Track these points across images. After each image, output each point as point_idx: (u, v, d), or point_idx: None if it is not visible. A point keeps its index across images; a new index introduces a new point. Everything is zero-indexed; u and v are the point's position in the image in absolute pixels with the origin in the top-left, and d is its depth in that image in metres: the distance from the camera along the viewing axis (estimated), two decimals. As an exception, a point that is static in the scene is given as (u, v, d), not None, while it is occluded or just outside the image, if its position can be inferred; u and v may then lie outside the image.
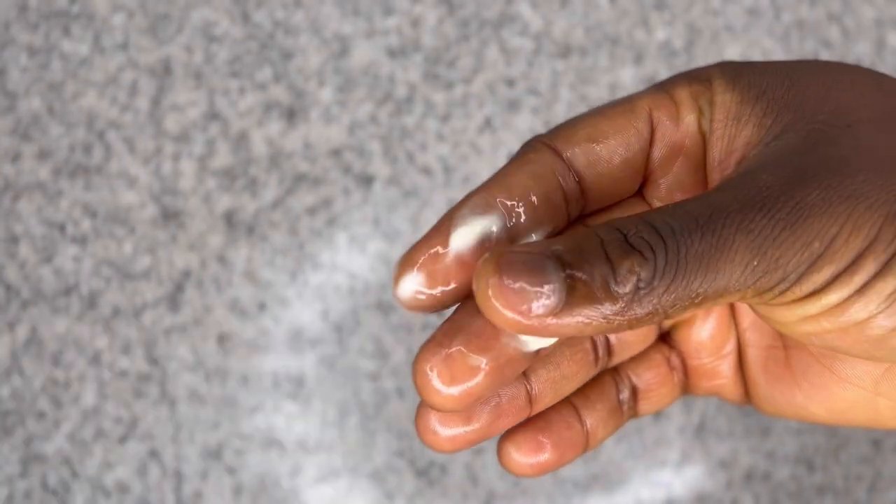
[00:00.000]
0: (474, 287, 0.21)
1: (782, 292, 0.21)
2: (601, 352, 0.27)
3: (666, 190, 0.26)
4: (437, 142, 0.49)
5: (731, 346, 0.28)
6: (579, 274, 0.21)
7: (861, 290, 0.21)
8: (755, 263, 0.21)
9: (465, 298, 0.24)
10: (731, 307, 0.28)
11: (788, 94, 0.24)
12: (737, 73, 0.24)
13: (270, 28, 0.50)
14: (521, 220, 0.24)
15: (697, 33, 0.51)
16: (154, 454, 0.48)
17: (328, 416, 0.48)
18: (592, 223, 0.26)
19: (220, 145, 0.49)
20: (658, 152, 0.25)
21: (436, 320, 0.49)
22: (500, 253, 0.21)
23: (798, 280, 0.21)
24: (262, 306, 0.48)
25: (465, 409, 0.24)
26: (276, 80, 0.49)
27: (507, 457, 0.26)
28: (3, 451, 0.48)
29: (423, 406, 0.24)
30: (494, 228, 0.24)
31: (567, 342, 0.26)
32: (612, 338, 0.27)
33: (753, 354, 0.28)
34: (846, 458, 0.49)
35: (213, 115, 0.49)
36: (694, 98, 0.25)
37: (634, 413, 0.28)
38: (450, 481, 0.48)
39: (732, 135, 0.24)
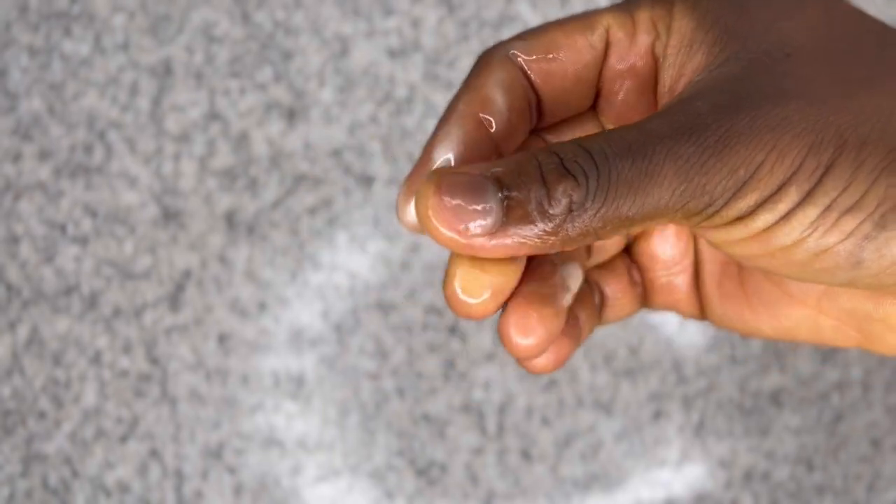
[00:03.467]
0: (415, 206, 0.22)
1: (709, 216, 0.22)
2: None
3: (614, 109, 0.27)
4: (437, 142, 0.49)
5: (687, 262, 0.29)
6: (516, 195, 0.22)
7: (785, 218, 0.22)
8: (682, 189, 0.22)
9: None
10: None
11: (738, 22, 0.24)
12: (697, 2, 0.25)
13: (271, 28, 0.50)
14: (497, 131, 0.25)
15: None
16: (155, 454, 0.48)
17: (328, 416, 0.48)
18: (548, 139, 0.27)
19: (221, 145, 0.49)
20: (609, 70, 0.26)
21: (436, 320, 0.49)
22: (441, 173, 0.22)
23: (725, 205, 0.22)
24: (262, 306, 0.48)
25: (493, 313, 0.24)
26: (277, 81, 0.49)
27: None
28: (4, 450, 0.48)
29: (450, 276, 0.24)
30: (473, 143, 0.24)
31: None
32: None
33: (709, 270, 0.29)
34: (845, 457, 0.49)
35: (213, 116, 0.49)
36: (653, 22, 0.25)
37: (599, 320, 0.29)
38: (450, 481, 0.48)
39: (683, 61, 0.25)
